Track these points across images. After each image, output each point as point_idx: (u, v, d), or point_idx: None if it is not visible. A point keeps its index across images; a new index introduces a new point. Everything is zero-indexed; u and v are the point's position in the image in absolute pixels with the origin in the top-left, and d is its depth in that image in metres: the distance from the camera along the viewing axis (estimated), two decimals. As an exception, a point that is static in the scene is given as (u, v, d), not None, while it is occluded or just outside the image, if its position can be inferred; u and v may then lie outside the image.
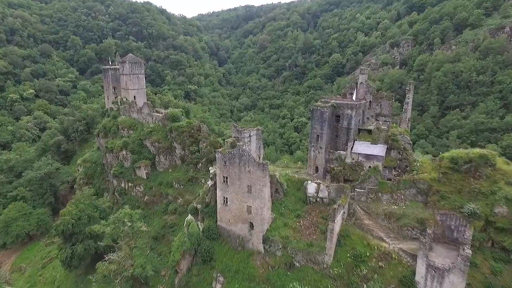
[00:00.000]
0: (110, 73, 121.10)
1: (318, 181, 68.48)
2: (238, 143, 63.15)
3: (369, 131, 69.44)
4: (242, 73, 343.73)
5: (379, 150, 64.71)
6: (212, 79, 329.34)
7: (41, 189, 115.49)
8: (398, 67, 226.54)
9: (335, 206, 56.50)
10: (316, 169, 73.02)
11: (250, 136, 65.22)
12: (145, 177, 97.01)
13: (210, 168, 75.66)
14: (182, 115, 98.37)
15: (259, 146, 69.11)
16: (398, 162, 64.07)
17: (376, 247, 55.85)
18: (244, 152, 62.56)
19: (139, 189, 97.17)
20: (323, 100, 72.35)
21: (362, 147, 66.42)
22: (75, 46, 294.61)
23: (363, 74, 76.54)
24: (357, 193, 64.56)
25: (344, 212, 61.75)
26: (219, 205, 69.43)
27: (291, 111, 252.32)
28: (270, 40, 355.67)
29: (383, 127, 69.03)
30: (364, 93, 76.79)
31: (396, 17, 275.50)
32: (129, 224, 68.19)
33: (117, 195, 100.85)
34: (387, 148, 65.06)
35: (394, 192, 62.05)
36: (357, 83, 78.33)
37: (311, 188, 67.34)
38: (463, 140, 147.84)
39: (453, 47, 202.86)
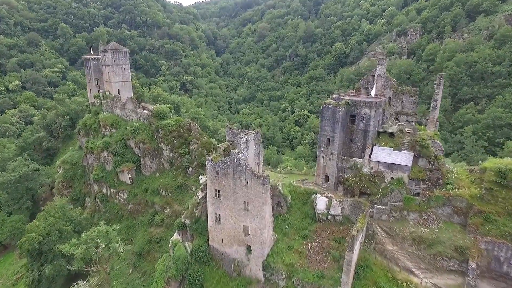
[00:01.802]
0: (92, 64, 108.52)
1: (329, 194, 57.09)
2: (232, 151, 51.55)
3: (391, 134, 57.84)
4: (241, 63, 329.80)
5: (404, 158, 53.16)
6: (209, 69, 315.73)
7: (17, 193, 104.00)
8: (405, 56, 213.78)
9: (353, 232, 45.16)
10: (326, 179, 61.62)
11: (247, 141, 53.58)
12: (129, 183, 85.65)
13: (200, 176, 64.12)
14: (171, 111, 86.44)
15: (259, 152, 57.54)
16: (427, 173, 52.55)
17: (404, 283, 44.66)
18: (240, 161, 51.09)
19: (122, 195, 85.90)
20: (334, 96, 60.46)
21: (383, 154, 54.84)
22: (65, 34, 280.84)
23: (381, 65, 64.51)
24: (377, 210, 53.31)
25: (362, 235, 50.50)
26: (210, 223, 58.32)
27: (291, 104, 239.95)
28: (270, 29, 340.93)
29: (407, 129, 57.40)
30: (382, 87, 64.94)
31: (403, 4, 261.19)
32: (103, 245, 56.89)
33: (98, 202, 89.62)
34: (414, 156, 53.47)
35: (423, 210, 50.74)
36: (373, 75, 66.35)
37: (321, 203, 56.03)
38: (479, 136, 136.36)
39: (466, 35, 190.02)
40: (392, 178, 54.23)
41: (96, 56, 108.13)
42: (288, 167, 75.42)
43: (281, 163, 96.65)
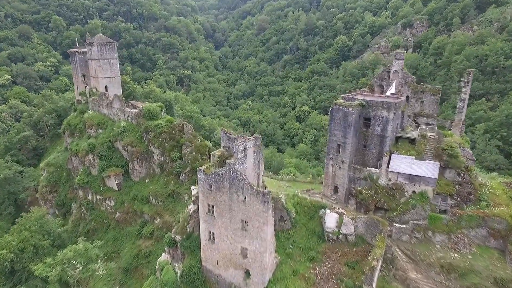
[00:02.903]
0: (78, 58, 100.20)
1: (340, 209, 49.52)
2: (228, 161, 43.83)
3: (411, 140, 50.06)
4: (240, 57, 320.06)
5: (428, 169, 45.46)
6: (207, 63, 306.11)
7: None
8: (411, 50, 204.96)
9: (372, 261, 37.65)
10: (335, 190, 54.08)
11: (245, 149, 45.81)
12: (117, 189, 78.05)
13: (192, 187, 56.47)
14: (162, 110, 78.45)
15: (258, 161, 49.82)
16: (457, 187, 44.96)
17: (434, 324, 37.32)
18: (236, 173, 43.42)
19: (109, 203, 78.39)
20: (346, 96, 52.57)
21: (403, 163, 47.13)
22: (57, 27, 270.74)
23: (398, 59, 56.67)
24: (397, 229, 45.81)
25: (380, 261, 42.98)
26: (203, 241, 50.79)
27: (292, 99, 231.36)
28: (270, 21, 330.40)
29: (430, 134, 49.64)
30: (399, 85, 57.11)
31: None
32: (80, 267, 49.38)
33: (83, 209, 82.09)
34: (440, 167, 45.78)
35: (452, 232, 43.26)
36: (389, 71, 58.47)
37: (330, 220, 48.51)
38: (492, 135, 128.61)
39: (475, 27, 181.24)
40: (413, 192, 46.64)
41: (82, 50, 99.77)
42: (292, 174, 67.85)
43: (283, 167, 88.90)
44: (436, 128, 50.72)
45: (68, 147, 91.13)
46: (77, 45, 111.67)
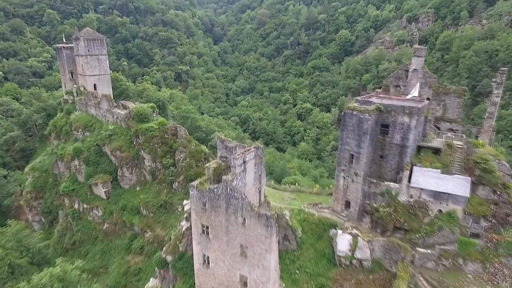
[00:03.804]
0: (64, 54, 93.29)
1: (354, 230, 43.18)
2: (225, 177, 37.41)
3: (436, 150, 43.59)
4: (239, 52, 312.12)
5: (458, 185, 39.08)
6: (206, 58, 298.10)
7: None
8: (417, 45, 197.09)
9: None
10: (347, 205, 47.73)
11: (244, 162, 39.31)
12: (105, 197, 71.61)
13: (184, 201, 50.14)
14: (154, 112, 71.76)
15: (260, 174, 43.35)
16: (492, 207, 38.58)
17: None
18: (234, 191, 37.06)
19: (96, 213, 72.02)
20: (360, 99, 45.95)
21: (427, 178, 40.72)
22: (51, 21, 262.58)
23: (418, 56, 50.00)
24: (420, 255, 39.58)
25: (402, 294, 36.76)
26: (197, 265, 44.53)
27: (293, 96, 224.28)
28: (270, 15, 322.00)
29: (457, 142, 43.15)
30: (418, 85, 50.49)
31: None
32: (56, 296, 43.17)
33: (69, 218, 75.79)
34: (472, 182, 39.39)
35: (488, 260, 37.03)
36: (407, 70, 51.88)
37: (343, 242, 42.21)
38: (504, 135, 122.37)
39: (484, 21, 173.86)
40: (439, 211, 40.35)
41: (69, 45, 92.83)
42: (296, 183, 61.47)
43: (286, 173, 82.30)
44: (464, 136, 44.26)
45: (54, 150, 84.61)
46: (64, 40, 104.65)
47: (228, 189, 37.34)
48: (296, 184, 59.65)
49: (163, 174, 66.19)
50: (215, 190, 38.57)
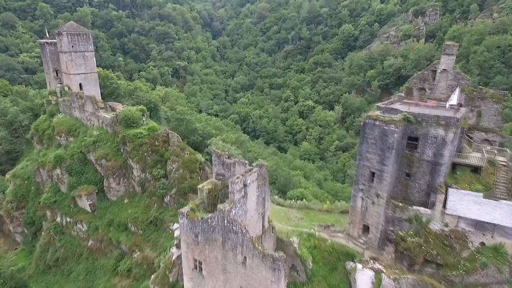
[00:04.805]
0: (48, 50, 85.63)
1: (377, 265, 36.11)
2: (221, 207, 30.24)
3: (475, 169, 36.39)
4: (239, 47, 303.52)
5: (506, 213, 31.99)
6: (204, 54, 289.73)
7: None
8: (423, 40, 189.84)
9: None
10: (365, 229, 40.62)
11: (246, 185, 32.05)
12: (90, 210, 64.50)
13: (174, 225, 43.04)
14: (144, 115, 64.33)
15: (264, 197, 36.18)
16: (550, 242, 31.49)
17: None
18: (233, 224, 29.93)
19: (80, 227, 65.00)
20: (383, 106, 38.55)
21: (467, 203, 33.59)
22: (44, 15, 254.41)
23: (448, 54, 42.56)
24: (459, 298, 32.41)
25: None
26: (189, 304, 37.45)
27: (295, 93, 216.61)
28: (270, 9, 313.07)
29: (500, 159, 35.94)
30: (448, 88, 43.24)
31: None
32: None
33: (52, 232, 68.72)
34: (523, 211, 32.25)
35: (547, 310, 29.96)
36: (434, 70, 44.49)
37: (363, 280, 35.20)
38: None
39: (495, 14, 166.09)
40: (482, 244, 33.28)
41: (53, 41, 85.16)
42: (304, 198, 54.24)
43: (291, 184, 74.40)
44: (508, 151, 37.08)
45: (34, 157, 77.39)
46: (47, 35, 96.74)
47: (225, 221, 30.22)
48: (304, 199, 52.64)
49: (154, 186, 59.07)
50: (209, 220, 31.44)
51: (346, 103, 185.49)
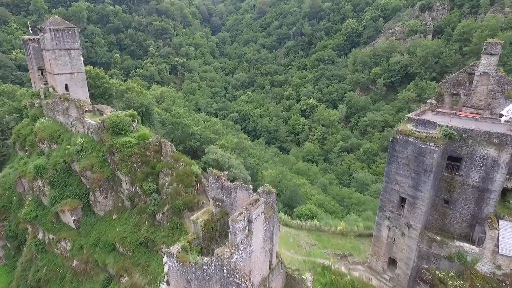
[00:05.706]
0: (31, 47, 78.59)
1: (411, 314, 29.44)
2: (219, 252, 23.61)
3: (531, 196, 29.72)
4: (238, 43, 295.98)
5: None
6: (203, 50, 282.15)
7: None
8: (430, 36, 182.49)
9: None
10: (391, 263, 34.02)
11: (250, 222, 25.40)
12: (74, 227, 57.95)
13: (164, 258, 36.28)
14: (134, 122, 57.49)
15: (272, 231, 29.53)
16: None
17: None
18: (233, 275, 23.27)
19: (64, 245, 58.52)
20: (415, 118, 31.81)
21: (526, 241, 26.97)
22: (38, 10, 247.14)
23: (491, 54, 35.74)
24: None
25: None
26: None
27: (296, 90, 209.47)
28: (271, 4, 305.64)
29: (561, 184, 29.18)
30: (489, 94, 36.49)
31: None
32: None
33: (33, 250, 62.20)
34: None
35: None
36: (471, 73, 37.74)
37: (395, 334, 28.48)
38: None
39: (507, 9, 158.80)
40: (545, 292, 26.59)
41: (36, 37, 78.02)
42: (315, 219, 47.59)
43: (298, 197, 66.95)
44: None
45: (15, 166, 70.72)
46: (30, 31, 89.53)
47: (225, 270, 23.60)
48: (315, 220, 46.02)
49: (144, 202, 52.43)
50: (204, 267, 24.82)
51: (350, 102, 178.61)
